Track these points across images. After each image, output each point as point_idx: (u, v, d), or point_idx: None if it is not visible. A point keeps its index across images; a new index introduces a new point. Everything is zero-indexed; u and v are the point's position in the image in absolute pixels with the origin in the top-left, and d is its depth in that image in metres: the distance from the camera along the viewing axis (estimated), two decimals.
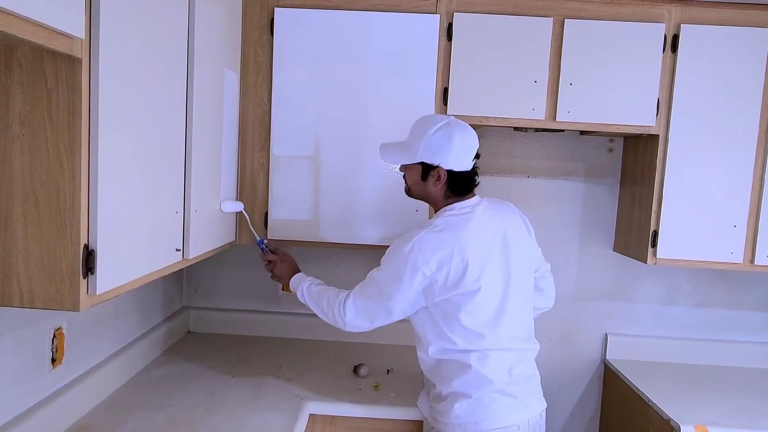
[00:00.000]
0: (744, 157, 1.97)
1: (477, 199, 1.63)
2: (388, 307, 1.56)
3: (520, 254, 1.60)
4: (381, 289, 1.56)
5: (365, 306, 1.60)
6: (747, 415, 1.89)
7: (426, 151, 1.56)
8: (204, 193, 1.61)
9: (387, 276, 1.55)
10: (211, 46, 1.61)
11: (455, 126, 1.56)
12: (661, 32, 1.93)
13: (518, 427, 1.51)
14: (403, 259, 1.51)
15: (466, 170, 1.58)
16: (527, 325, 1.65)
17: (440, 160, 1.55)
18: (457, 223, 1.54)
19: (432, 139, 1.55)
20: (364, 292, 1.61)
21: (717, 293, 2.40)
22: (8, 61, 0.99)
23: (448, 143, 1.53)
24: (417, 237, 1.51)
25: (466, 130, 1.57)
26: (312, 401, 1.78)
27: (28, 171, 1.01)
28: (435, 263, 1.49)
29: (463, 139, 1.55)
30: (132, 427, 1.55)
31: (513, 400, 1.52)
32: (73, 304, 1.03)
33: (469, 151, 1.56)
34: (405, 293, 1.53)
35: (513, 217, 1.67)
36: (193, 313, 2.42)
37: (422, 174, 1.60)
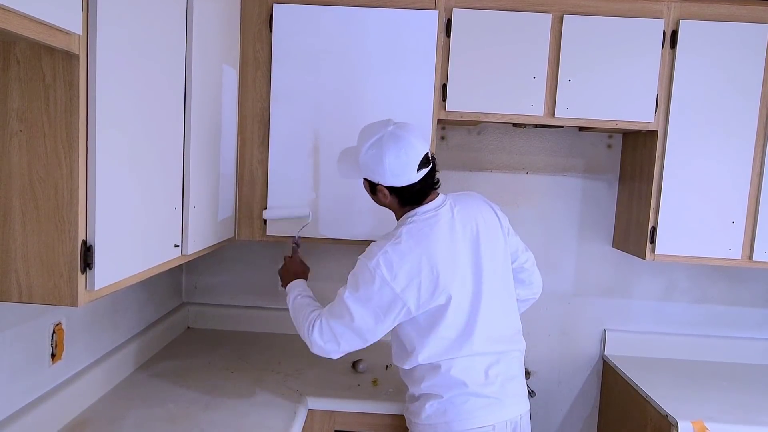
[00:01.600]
0: (743, 153, 1.97)
1: (441, 199, 1.55)
2: (357, 328, 1.46)
3: (492, 250, 1.54)
4: (349, 309, 1.46)
5: (331, 327, 1.49)
6: (744, 411, 1.89)
7: (365, 170, 1.52)
8: (203, 189, 1.61)
9: (355, 296, 1.46)
10: (209, 43, 1.61)
11: (387, 142, 1.46)
12: (660, 28, 1.93)
13: (493, 428, 1.46)
14: (370, 277, 1.44)
15: (409, 184, 1.48)
16: (508, 324, 1.58)
17: (379, 178, 1.50)
18: (421, 230, 1.47)
19: (365, 159, 1.50)
20: (332, 312, 1.51)
21: (715, 289, 2.41)
22: (6, 56, 0.99)
23: (380, 163, 1.46)
24: (381, 252, 1.44)
25: (400, 143, 1.45)
26: (311, 397, 1.78)
27: (26, 167, 1.01)
28: (404, 278, 1.42)
29: (396, 157, 1.45)
30: (132, 422, 1.55)
31: (487, 400, 1.47)
32: (71, 299, 1.03)
33: (406, 168, 1.46)
34: (375, 312, 1.45)
35: (482, 210, 1.58)
36: (192, 309, 2.43)
37: (370, 188, 1.57)
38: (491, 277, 1.52)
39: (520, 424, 1.54)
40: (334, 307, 1.51)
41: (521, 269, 1.70)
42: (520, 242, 1.70)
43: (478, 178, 2.36)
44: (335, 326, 1.49)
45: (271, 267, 2.42)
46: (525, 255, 1.71)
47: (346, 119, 1.96)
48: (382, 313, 1.45)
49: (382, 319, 1.46)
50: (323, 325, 1.51)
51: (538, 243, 2.35)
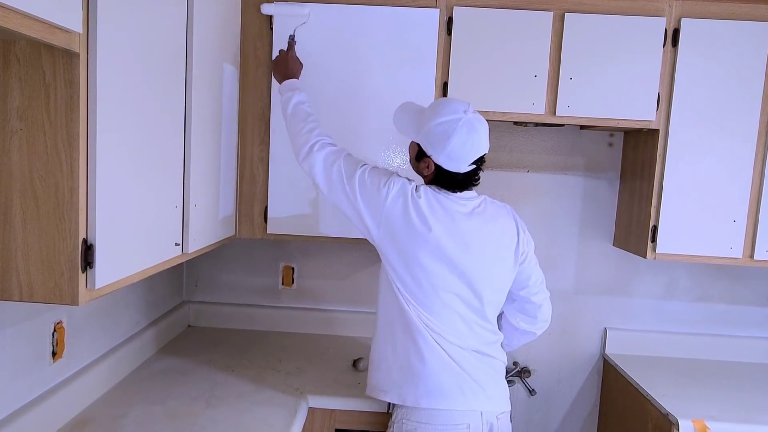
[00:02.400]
0: (744, 151, 1.97)
1: (473, 194, 1.56)
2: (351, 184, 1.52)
3: (489, 260, 1.52)
4: (357, 170, 1.52)
5: (339, 164, 1.55)
6: (745, 410, 1.89)
7: (425, 138, 1.51)
8: (203, 187, 1.61)
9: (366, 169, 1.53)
10: (209, 41, 1.61)
11: (462, 126, 1.45)
12: (661, 26, 1.93)
13: (468, 426, 1.48)
14: (385, 173, 1.53)
15: (458, 172, 1.50)
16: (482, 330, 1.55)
17: (432, 152, 1.50)
18: (439, 203, 1.49)
19: (432, 130, 1.48)
20: (346, 159, 1.56)
21: (716, 288, 2.41)
22: (6, 55, 0.99)
23: (444, 141, 1.46)
24: (404, 181, 1.52)
25: (472, 134, 1.46)
26: (311, 395, 1.79)
27: (27, 166, 1.01)
28: (397, 211, 1.47)
29: (463, 143, 1.45)
30: (132, 420, 1.56)
31: (460, 390, 1.49)
32: (72, 298, 1.03)
33: (465, 156, 1.47)
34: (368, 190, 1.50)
35: (504, 224, 1.57)
36: (193, 307, 2.43)
37: (417, 154, 1.56)
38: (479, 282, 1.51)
39: (497, 425, 1.53)
40: (349, 157, 1.57)
41: (527, 301, 1.66)
42: (536, 274, 1.66)
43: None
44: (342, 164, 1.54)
45: (272, 265, 2.43)
46: (536, 288, 1.66)
47: (347, 117, 1.95)
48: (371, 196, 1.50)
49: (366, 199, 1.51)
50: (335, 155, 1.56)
51: (539, 241, 2.32)
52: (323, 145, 1.59)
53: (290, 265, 2.43)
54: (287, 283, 2.43)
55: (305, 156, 1.59)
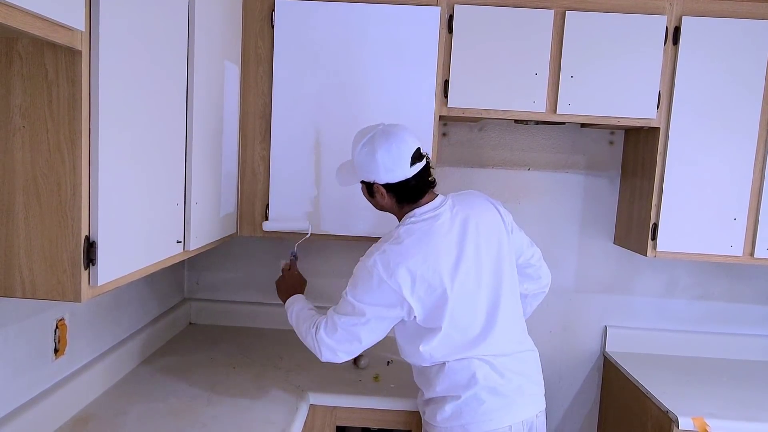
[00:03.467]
0: (745, 150, 1.97)
1: (440, 199, 1.55)
2: (363, 323, 1.48)
3: (493, 248, 1.53)
4: (354, 306, 1.48)
5: (335, 321, 1.51)
6: (745, 407, 1.89)
7: (360, 170, 1.54)
8: (205, 185, 1.62)
9: (357, 293, 1.48)
10: (211, 39, 1.61)
11: (378, 139, 1.48)
12: (662, 24, 1.93)
13: (510, 428, 1.46)
14: (368, 275, 1.46)
15: (404, 179, 1.49)
16: (514, 322, 1.57)
17: (373, 177, 1.51)
18: (420, 229, 1.48)
19: (359, 159, 1.52)
20: (336, 309, 1.53)
21: (717, 286, 2.41)
22: (9, 53, 0.99)
23: (372, 160, 1.48)
24: (378, 252, 1.46)
25: (391, 139, 1.48)
26: (312, 392, 1.79)
27: (29, 163, 1.01)
28: (402, 276, 1.43)
29: (387, 151, 1.47)
30: (134, 417, 1.56)
31: (504, 400, 1.47)
32: (74, 295, 1.04)
33: (398, 162, 1.47)
34: (377, 309, 1.46)
35: (483, 208, 1.58)
36: (194, 304, 2.43)
37: (368, 191, 1.58)
38: (494, 275, 1.52)
39: (536, 424, 1.53)
40: (339, 306, 1.53)
41: (528, 264, 1.70)
42: (525, 238, 1.70)
43: (480, 174, 2.36)
44: (340, 320, 1.51)
45: (273, 263, 2.43)
46: (531, 250, 1.71)
47: (348, 115, 1.96)
48: (384, 308, 1.46)
49: (382, 316, 1.47)
50: (328, 322, 1.53)
51: (539, 239, 2.33)
52: (317, 328, 1.55)
53: None
54: None
55: (317, 350, 1.56)
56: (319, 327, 1.55)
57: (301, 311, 1.68)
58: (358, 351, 1.55)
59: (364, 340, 1.51)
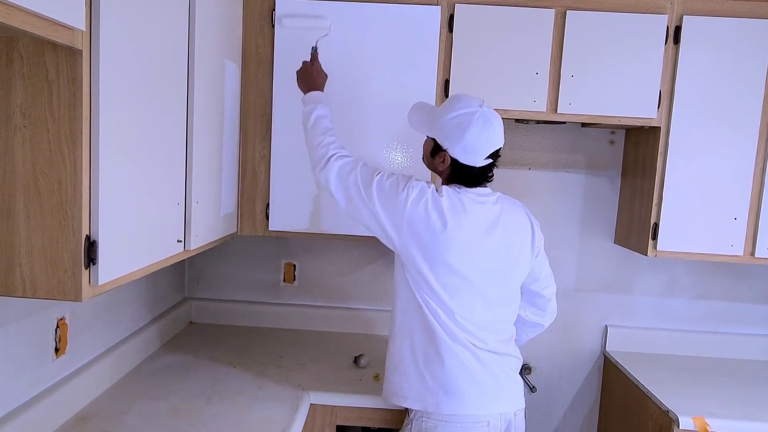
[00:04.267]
0: (745, 149, 1.97)
1: (489, 191, 1.56)
2: (366, 197, 1.49)
3: (512, 258, 1.54)
4: (372, 183, 1.50)
5: (354, 174, 1.53)
6: (745, 407, 1.90)
7: (439, 132, 1.51)
8: (205, 184, 1.62)
9: (383, 183, 1.50)
10: (211, 38, 1.61)
11: (478, 119, 1.46)
12: (663, 24, 1.93)
13: (488, 424, 1.48)
14: (403, 181, 1.49)
15: (472, 165, 1.49)
16: (505, 327, 1.58)
17: (448, 146, 1.49)
18: (460, 201, 1.48)
19: (448, 123, 1.48)
20: (364, 167, 1.55)
21: (717, 285, 2.41)
22: (9, 52, 1.00)
23: (459, 134, 1.46)
24: (423, 184, 1.50)
25: (488, 126, 1.47)
26: (313, 391, 1.79)
27: (30, 162, 1.01)
28: (419, 214, 1.44)
29: (479, 135, 1.46)
30: (135, 416, 1.56)
31: (480, 389, 1.49)
32: (75, 294, 1.04)
33: (481, 149, 1.47)
34: (382, 210, 1.48)
35: (520, 220, 1.58)
36: (195, 303, 2.44)
37: (432, 150, 1.56)
38: (501, 278, 1.53)
39: (515, 422, 1.54)
40: (368, 167, 1.55)
41: (538, 294, 1.68)
42: (548, 269, 1.69)
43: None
44: (359, 173, 1.52)
45: (273, 262, 2.43)
46: (546, 282, 1.69)
47: (348, 114, 1.96)
48: (382, 210, 1.48)
49: (378, 218, 1.49)
50: (350, 163, 1.55)
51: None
52: (339, 157, 1.57)
53: (292, 262, 2.43)
54: (289, 280, 2.44)
55: (322, 168, 1.57)
56: (339, 159, 1.56)
57: (322, 119, 1.66)
58: (341, 203, 1.55)
59: (355, 204, 1.52)
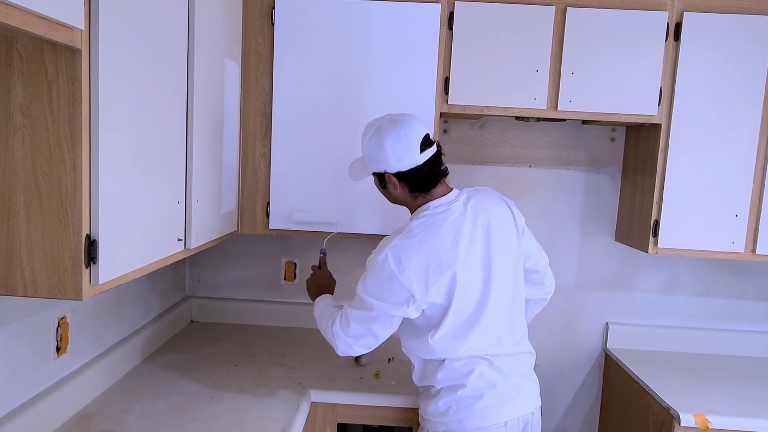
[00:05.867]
0: (746, 146, 1.96)
1: (455, 193, 1.55)
2: (374, 317, 1.48)
3: (503, 247, 1.53)
4: (364, 300, 1.48)
5: (349, 316, 1.52)
6: (746, 404, 1.90)
7: (370, 162, 1.54)
8: (205, 183, 1.62)
9: (367, 288, 1.48)
10: (211, 37, 1.61)
11: (386, 127, 1.48)
12: (663, 20, 1.92)
13: (506, 425, 1.47)
14: (379, 270, 1.45)
15: (415, 166, 1.48)
16: (516, 323, 1.57)
17: (383, 166, 1.50)
18: (433, 223, 1.47)
19: (368, 150, 1.52)
20: (351, 304, 1.54)
21: (718, 283, 2.41)
22: (9, 52, 0.99)
23: (381, 149, 1.47)
24: (390, 245, 1.45)
25: (399, 126, 1.47)
26: (314, 389, 1.80)
27: (30, 162, 1.01)
28: (413, 271, 1.42)
29: (396, 139, 1.46)
30: (136, 414, 1.57)
31: (500, 396, 1.47)
32: (75, 293, 1.04)
33: (407, 148, 1.46)
34: (387, 304, 1.45)
35: (496, 206, 1.57)
36: (196, 302, 2.44)
37: (380, 182, 1.57)
38: (501, 274, 1.52)
39: (531, 421, 1.54)
40: (352, 300, 1.55)
41: (533, 270, 1.68)
42: (534, 242, 1.69)
43: (481, 171, 2.36)
44: (352, 314, 1.52)
45: (273, 260, 2.43)
46: (538, 256, 1.69)
47: (348, 112, 1.95)
48: (392, 306, 1.46)
49: (390, 314, 1.47)
50: (343, 316, 1.55)
51: (540, 236, 2.32)
52: (334, 322, 1.56)
53: (292, 261, 2.43)
54: (289, 278, 2.44)
55: (333, 343, 1.57)
56: (335, 321, 1.56)
57: (325, 308, 1.68)
58: (375, 344, 1.54)
59: (379, 335, 1.51)
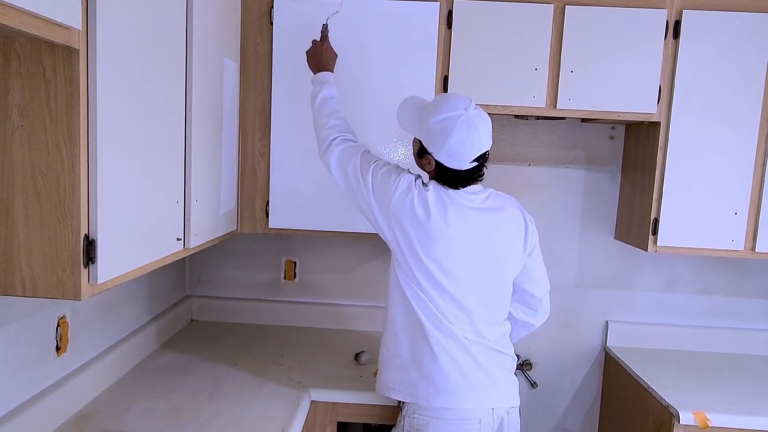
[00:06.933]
0: (746, 144, 1.96)
1: (479, 188, 1.54)
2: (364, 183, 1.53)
3: (501, 254, 1.53)
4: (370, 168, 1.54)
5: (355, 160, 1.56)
6: (746, 402, 1.90)
7: (425, 135, 1.50)
8: (204, 182, 1.62)
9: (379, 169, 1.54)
10: (209, 36, 1.61)
11: (462, 123, 1.44)
12: (663, 18, 1.92)
13: (480, 421, 1.48)
14: (396, 168, 1.54)
15: (459, 169, 1.48)
16: (494, 324, 1.56)
17: (433, 150, 1.49)
18: (449, 197, 1.49)
19: (432, 127, 1.47)
20: (363, 154, 1.58)
21: (718, 281, 2.40)
22: (6, 52, 1.00)
23: (443, 139, 1.45)
24: (410, 176, 1.52)
25: (472, 131, 1.44)
26: (314, 388, 1.80)
27: (28, 162, 1.01)
28: (405, 208, 1.46)
29: (462, 141, 1.44)
30: (136, 413, 1.57)
31: (469, 383, 1.48)
32: (74, 293, 1.04)
33: (465, 154, 1.46)
34: (378, 198, 1.51)
35: (512, 216, 1.57)
36: (196, 301, 2.44)
37: (419, 151, 1.56)
38: (490, 271, 1.52)
39: (507, 421, 1.54)
40: (369, 154, 1.59)
41: (529, 294, 1.66)
42: (540, 267, 1.66)
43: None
44: (358, 158, 1.56)
45: (273, 260, 2.44)
46: (539, 281, 1.66)
47: (348, 111, 1.94)
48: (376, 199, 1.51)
49: (373, 203, 1.52)
50: (351, 149, 1.59)
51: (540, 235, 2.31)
52: (342, 141, 1.60)
53: (292, 260, 2.44)
54: (289, 277, 2.44)
55: (324, 150, 1.62)
56: (342, 143, 1.60)
57: (328, 100, 1.69)
58: (341, 186, 1.59)
59: (352, 189, 1.56)
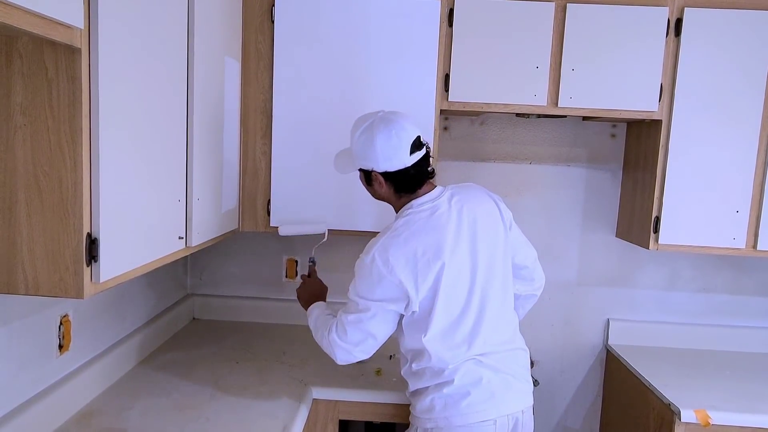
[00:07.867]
0: (747, 142, 1.96)
1: (438, 190, 1.54)
2: (370, 317, 1.47)
3: (490, 243, 1.52)
4: (358, 303, 1.48)
5: (344, 322, 1.50)
6: (747, 399, 1.90)
7: (357, 158, 1.52)
8: (206, 181, 1.62)
9: (359, 290, 1.48)
10: (211, 35, 1.61)
11: (377, 126, 1.46)
12: (664, 16, 1.92)
13: (494, 422, 1.46)
14: (368, 272, 1.45)
15: (403, 168, 1.47)
16: (505, 319, 1.56)
17: (371, 164, 1.48)
18: (417, 221, 1.47)
19: (357, 146, 1.50)
20: (345, 310, 1.53)
21: (719, 278, 2.40)
22: (9, 51, 1.00)
23: (371, 147, 1.46)
24: (376, 247, 1.45)
25: (390, 126, 1.45)
26: (315, 386, 1.80)
27: (31, 161, 1.02)
28: (401, 269, 1.42)
29: (387, 139, 1.44)
30: (138, 412, 1.57)
31: (488, 393, 1.46)
32: (77, 291, 1.04)
33: (398, 150, 1.45)
34: (381, 303, 1.45)
35: (482, 201, 1.56)
36: (198, 300, 2.44)
37: (366, 179, 1.56)
38: (488, 270, 1.51)
39: (522, 420, 1.53)
40: (346, 306, 1.54)
41: (522, 266, 1.67)
42: (522, 237, 1.67)
43: (481, 168, 2.36)
44: (347, 319, 1.50)
45: (274, 258, 2.44)
46: (526, 251, 1.68)
47: (348, 110, 1.95)
48: (387, 302, 1.46)
49: (387, 309, 1.47)
50: (338, 323, 1.53)
51: (541, 233, 2.35)
52: (329, 330, 1.55)
53: (294, 258, 2.44)
54: (291, 276, 2.45)
55: (332, 353, 1.56)
56: (331, 330, 1.54)
57: (319, 317, 1.66)
58: (375, 346, 1.52)
59: (378, 335, 1.49)
